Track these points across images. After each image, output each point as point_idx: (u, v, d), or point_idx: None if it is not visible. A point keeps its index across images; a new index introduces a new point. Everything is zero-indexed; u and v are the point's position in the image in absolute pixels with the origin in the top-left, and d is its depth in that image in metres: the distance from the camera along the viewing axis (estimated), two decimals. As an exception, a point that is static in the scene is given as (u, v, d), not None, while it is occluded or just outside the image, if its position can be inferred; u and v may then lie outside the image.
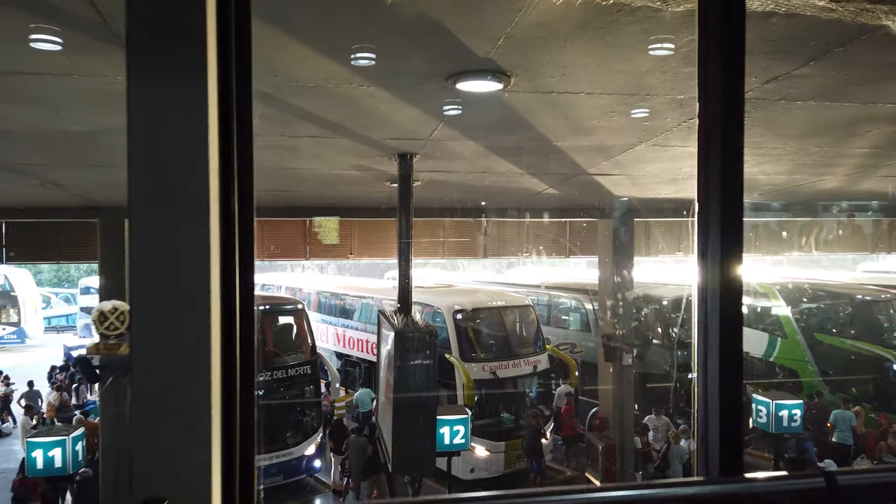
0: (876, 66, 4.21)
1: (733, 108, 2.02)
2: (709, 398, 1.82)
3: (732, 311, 1.79)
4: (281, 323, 15.12)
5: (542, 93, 4.77)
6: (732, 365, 1.80)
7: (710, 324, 1.79)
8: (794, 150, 6.89)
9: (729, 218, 1.84)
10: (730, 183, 1.89)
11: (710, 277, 1.77)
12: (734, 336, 1.81)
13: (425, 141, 6.28)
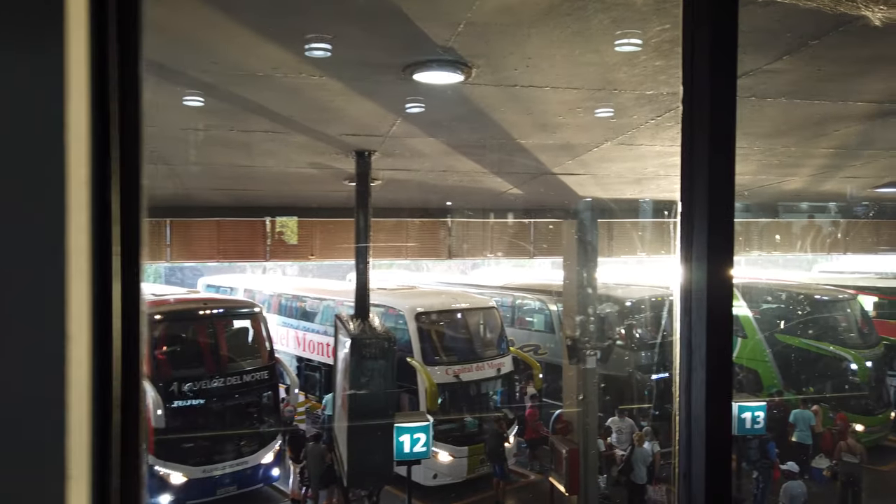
0: (849, 61, 4.06)
1: (724, 96, 1.77)
2: (693, 425, 1.56)
3: (721, 322, 1.54)
4: (236, 327, 14.60)
5: (505, 86, 4.51)
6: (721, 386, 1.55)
7: (696, 338, 1.53)
8: (761, 150, 6.79)
9: (718, 217, 1.60)
10: (719, 180, 1.65)
11: (695, 284, 1.51)
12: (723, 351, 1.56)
13: (383, 138, 5.97)
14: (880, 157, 7.28)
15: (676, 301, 1.61)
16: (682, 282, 1.57)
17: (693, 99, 1.79)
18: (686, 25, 1.85)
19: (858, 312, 17.03)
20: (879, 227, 15.91)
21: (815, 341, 16.28)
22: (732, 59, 1.78)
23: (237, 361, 14.10)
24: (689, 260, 1.55)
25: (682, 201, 1.70)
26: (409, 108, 5.09)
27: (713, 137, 1.68)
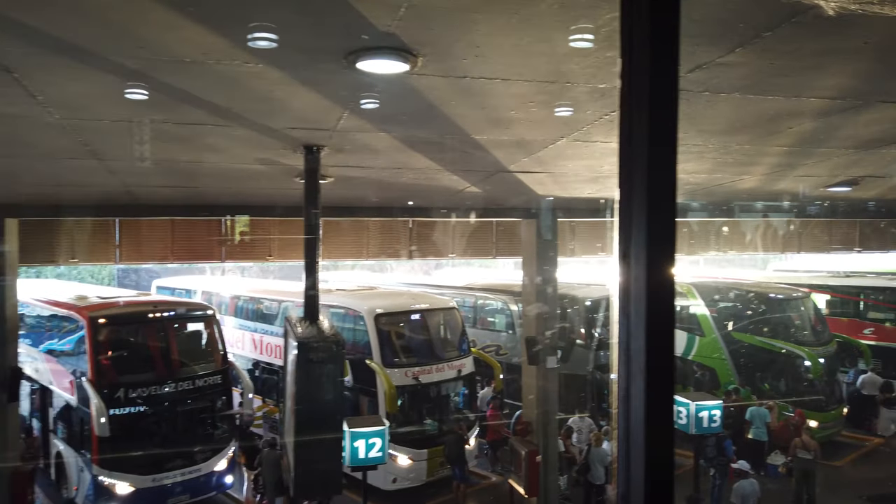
0: (802, 55, 3.98)
1: (664, 88, 1.62)
2: (632, 441, 1.38)
3: (662, 327, 1.37)
4: (188, 330, 14.14)
5: (454, 77, 4.32)
6: (662, 396, 1.38)
7: (635, 343, 1.36)
8: (715, 147, 6.74)
9: (657, 217, 1.43)
10: (659, 178, 1.49)
11: (634, 284, 1.34)
12: (664, 357, 1.39)
13: (331, 132, 5.73)
14: (833, 155, 7.32)
15: (615, 304, 1.44)
16: (621, 283, 1.39)
17: (632, 94, 1.64)
18: (624, 18, 1.71)
19: (812, 310, 17.38)
20: (832, 227, 16.23)
21: (770, 339, 16.54)
22: (673, 54, 1.63)
23: (189, 366, 13.65)
24: (626, 260, 1.38)
25: (620, 199, 1.54)
26: (355, 101, 4.87)
27: (653, 134, 1.53)
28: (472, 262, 34.41)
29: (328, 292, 17.67)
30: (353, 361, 14.64)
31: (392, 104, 4.99)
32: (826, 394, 15.97)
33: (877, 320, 18.96)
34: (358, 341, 14.74)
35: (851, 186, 9.68)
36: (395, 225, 15.13)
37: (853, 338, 18.13)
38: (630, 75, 1.50)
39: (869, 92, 4.78)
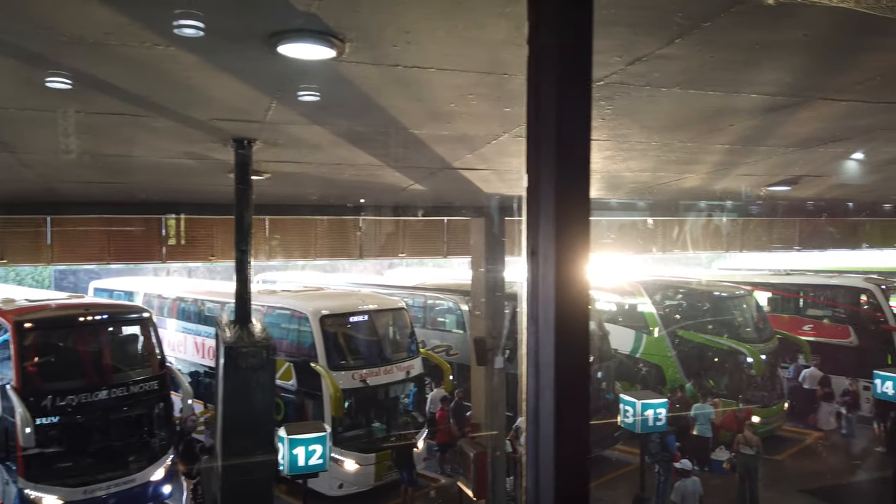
0: (742, 48, 3.89)
1: (577, 73, 1.43)
2: (541, 468, 1.18)
3: (574, 332, 1.16)
4: (122, 334, 13.49)
5: (386, 65, 4.08)
6: (575, 414, 1.18)
7: (544, 355, 1.15)
8: (658, 145, 6.69)
9: (572, 210, 1.24)
10: (573, 166, 1.30)
11: (542, 285, 1.14)
12: (577, 371, 1.19)
13: (261, 124, 5.42)
14: (773, 154, 7.36)
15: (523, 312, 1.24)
16: (528, 285, 1.19)
17: (539, 71, 1.44)
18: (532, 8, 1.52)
19: (754, 308, 17.77)
20: (772, 226, 16.62)
21: (714, 336, 16.83)
22: (585, 31, 1.43)
23: (123, 371, 13.02)
24: (534, 263, 1.18)
25: (527, 197, 1.35)
26: (283, 90, 4.58)
27: (562, 115, 1.34)
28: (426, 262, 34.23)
29: (273, 293, 17.20)
30: (298, 364, 14.27)
31: (323, 94, 4.72)
32: (768, 389, 16.33)
33: (815, 317, 19.53)
34: (303, 343, 14.34)
35: (791, 186, 9.84)
36: (345, 224, 14.81)
37: (793, 334, 18.62)
38: (538, 53, 1.30)
39: (808, 88, 4.75)
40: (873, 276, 19.76)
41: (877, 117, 5.60)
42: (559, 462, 1.12)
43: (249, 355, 5.17)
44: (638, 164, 7.91)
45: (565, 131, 1.24)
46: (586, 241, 1.18)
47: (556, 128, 1.23)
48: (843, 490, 13.16)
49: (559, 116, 1.31)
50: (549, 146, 1.25)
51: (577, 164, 1.27)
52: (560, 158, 1.26)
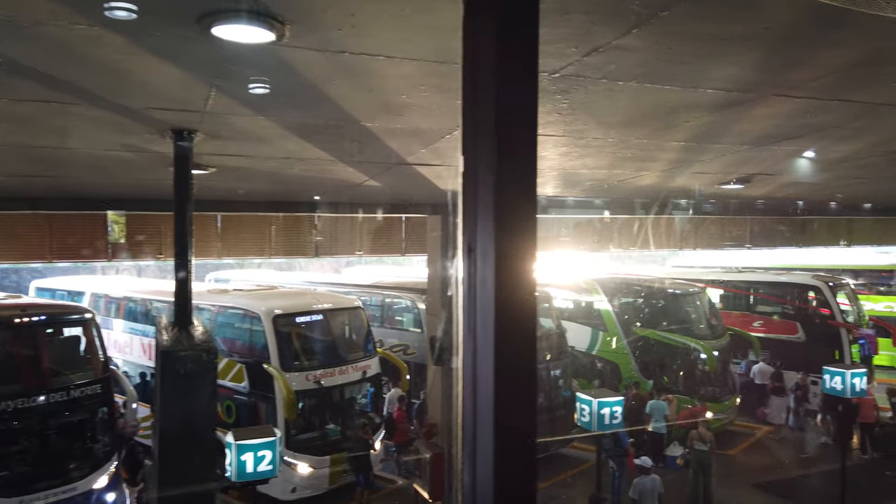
0: (700, 40, 3.79)
1: (521, 55, 1.25)
2: (478, 468, 0.99)
3: (518, 341, 0.98)
4: (63, 336, 12.87)
5: (331, 52, 3.85)
6: (518, 439, 0.99)
7: (482, 364, 0.97)
8: (615, 141, 6.60)
9: (515, 203, 1.06)
10: (516, 156, 1.12)
11: (480, 290, 0.95)
12: (522, 383, 1.01)
13: (201, 114, 5.11)
14: (727, 152, 7.37)
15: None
16: (464, 294, 1.00)
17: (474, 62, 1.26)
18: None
19: (707, 305, 18.03)
20: (725, 224, 16.88)
21: (668, 333, 17.01)
22: (529, 32, 1.25)
23: (64, 375, 12.39)
24: (471, 262, 0.99)
25: (462, 188, 1.16)
26: (222, 77, 4.30)
27: (501, 104, 1.16)
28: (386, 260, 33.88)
29: (224, 292, 16.70)
30: (251, 365, 13.86)
31: (266, 83, 4.45)
32: (720, 385, 16.59)
33: (765, 313, 19.95)
34: (255, 344, 13.93)
35: (744, 184, 9.93)
36: (300, 221, 14.47)
37: (744, 330, 18.98)
38: (474, 30, 1.12)
39: (764, 84, 4.69)
40: (821, 274, 20.30)
41: (829, 115, 5.61)
42: (500, 472, 0.94)
43: (188, 360, 4.86)
44: (595, 161, 7.83)
45: (507, 119, 1.05)
46: (532, 238, 1.00)
47: (496, 115, 1.04)
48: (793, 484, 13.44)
49: (499, 103, 1.12)
50: (487, 134, 1.07)
51: (521, 154, 1.09)
52: (502, 148, 1.07)
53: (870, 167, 8.51)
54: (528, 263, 0.96)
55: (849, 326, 17.97)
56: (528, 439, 0.94)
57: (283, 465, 12.57)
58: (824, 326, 18.12)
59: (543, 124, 5.85)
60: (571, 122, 5.78)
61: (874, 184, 10.73)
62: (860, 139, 6.61)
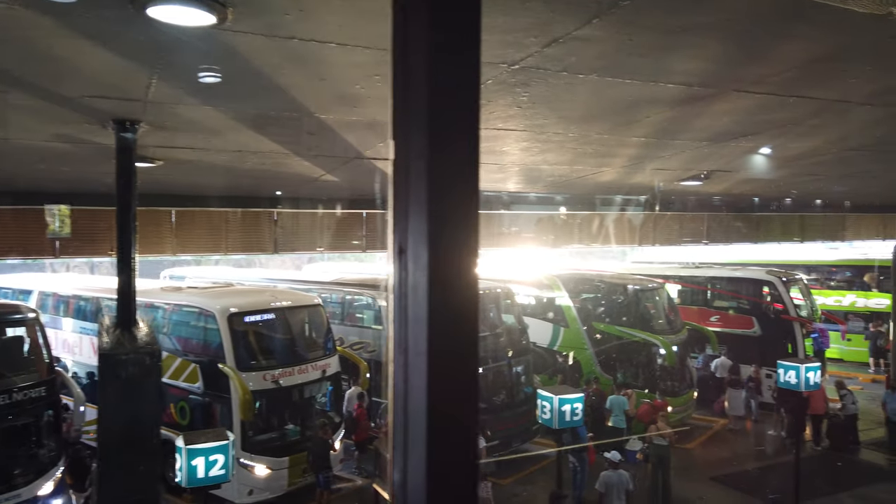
0: (660, 30, 3.70)
1: (458, 36, 1.10)
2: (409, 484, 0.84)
3: (457, 363, 0.83)
4: (5, 336, 12.28)
5: (279, 38, 3.64)
6: (459, 468, 0.85)
7: (414, 390, 0.82)
8: (575, 136, 6.52)
9: (453, 199, 0.91)
10: (453, 148, 0.97)
11: (412, 298, 0.79)
12: (461, 413, 0.86)
13: (143, 103, 4.84)
14: (686, 148, 7.36)
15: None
16: (394, 303, 0.85)
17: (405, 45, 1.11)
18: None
19: (665, 300, 18.23)
20: (683, 220, 17.08)
21: (628, 328, 17.15)
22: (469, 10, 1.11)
23: (5, 377, 11.83)
24: (401, 266, 0.84)
25: (392, 181, 1.01)
26: (162, 63, 4.05)
27: (434, 85, 1.01)
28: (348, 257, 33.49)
29: (178, 290, 16.21)
30: (205, 365, 13.45)
31: (211, 70, 4.21)
32: (678, 379, 16.79)
33: (722, 308, 20.30)
34: (210, 343, 13.51)
35: (702, 180, 10.00)
36: (258, 216, 14.09)
37: (701, 325, 19.27)
38: (404, 7, 0.96)
39: (724, 79, 4.65)
40: (775, 269, 20.74)
41: (788, 112, 5.62)
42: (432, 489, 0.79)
43: (129, 363, 4.60)
44: (555, 157, 7.76)
45: (443, 98, 0.90)
46: (473, 238, 0.85)
47: (429, 92, 0.89)
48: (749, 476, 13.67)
49: (433, 77, 0.97)
50: (419, 115, 0.91)
51: (460, 140, 0.94)
52: (436, 131, 0.91)
53: (825, 164, 8.63)
54: (468, 267, 0.81)
55: (802, 321, 18.39)
56: (469, 481, 0.79)
57: (239, 468, 12.24)
58: (778, 321, 18.51)
59: (504, 118, 5.74)
60: (532, 117, 5.67)
61: (828, 181, 10.94)
62: (817, 136, 6.66)
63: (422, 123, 0.90)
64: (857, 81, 4.82)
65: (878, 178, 10.63)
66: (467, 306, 0.81)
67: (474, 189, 0.91)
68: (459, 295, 0.80)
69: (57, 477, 12.00)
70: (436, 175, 0.86)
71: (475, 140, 0.94)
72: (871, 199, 15.64)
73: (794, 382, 10.78)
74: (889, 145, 7.43)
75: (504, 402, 15.23)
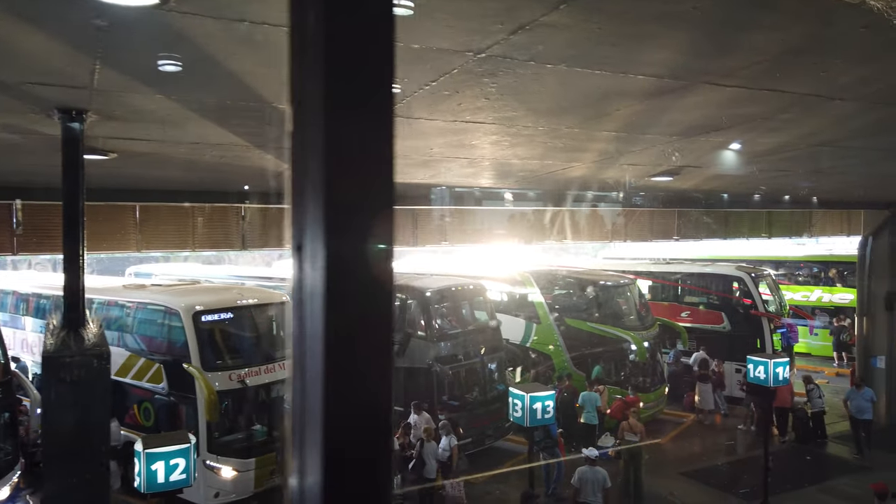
0: (628, 19, 3.57)
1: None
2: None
3: (365, 377, 0.67)
4: (-43, 337, 11.82)
5: (229, 20, 3.42)
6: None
7: (310, 426, 0.65)
8: (545, 130, 6.39)
9: (366, 188, 0.74)
10: (369, 123, 0.80)
11: (309, 306, 0.63)
12: (368, 437, 0.70)
13: (89, 90, 4.57)
14: (657, 142, 7.28)
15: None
16: (293, 312, 0.68)
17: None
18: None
19: (637, 296, 18.29)
20: (654, 216, 17.12)
21: (599, 324, 17.15)
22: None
23: (-43, 380, 11.39)
24: (299, 267, 0.67)
25: (291, 166, 0.85)
26: (105, 47, 3.80)
27: (330, 57, 0.84)
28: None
29: (141, 287, 15.79)
30: (170, 365, 13.10)
31: (158, 56, 3.97)
32: (650, 374, 16.85)
33: (692, 304, 20.47)
34: (175, 342, 13.16)
35: (672, 176, 9.96)
36: (226, 212, 13.73)
37: (672, 321, 19.39)
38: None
39: (695, 71, 4.54)
40: (744, 265, 20.96)
41: (758, 106, 5.54)
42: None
43: (75, 366, 4.34)
44: (525, 151, 7.62)
45: (343, 57, 0.72)
46: (385, 238, 0.69)
47: (326, 54, 0.72)
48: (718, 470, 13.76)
49: (329, 55, 0.80)
50: (315, 95, 0.74)
51: (370, 115, 0.77)
52: (339, 103, 0.74)
53: (794, 160, 8.64)
54: (382, 274, 0.65)
55: (770, 316, 18.60)
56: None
57: (205, 469, 11.95)
58: (747, 316, 18.70)
59: (472, 110, 5.58)
60: (500, 109, 5.51)
61: (796, 177, 11.00)
62: (787, 131, 6.62)
63: (318, 80, 0.72)
64: (827, 75, 4.75)
65: (844, 174, 10.71)
66: (379, 324, 0.65)
67: (388, 173, 0.74)
68: (368, 306, 0.63)
69: (13, 482, 11.58)
70: (336, 158, 0.69)
71: (388, 110, 0.77)
72: (837, 196, 15.85)
73: (762, 378, 10.83)
74: (856, 141, 7.44)
75: (476, 400, 15.12)
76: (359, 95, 0.75)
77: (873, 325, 17.14)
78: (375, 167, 0.73)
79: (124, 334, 14.25)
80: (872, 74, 4.77)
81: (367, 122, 0.76)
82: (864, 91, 5.19)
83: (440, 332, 15.22)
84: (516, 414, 9.75)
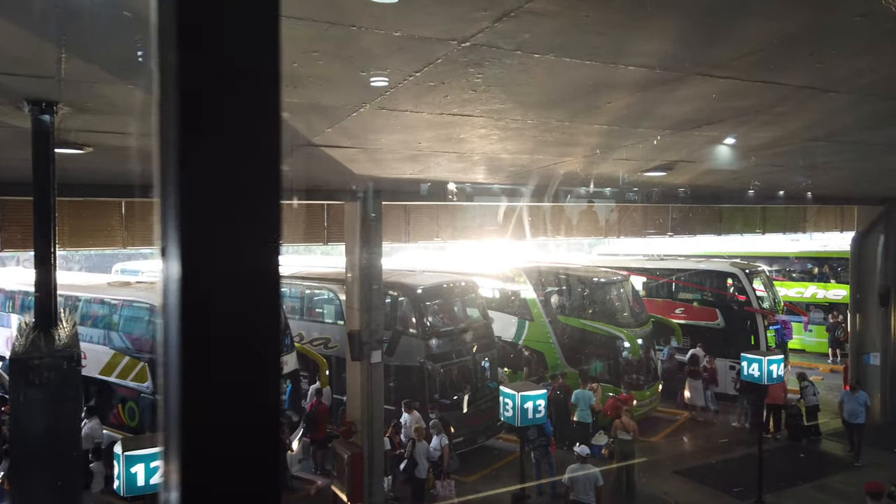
0: (618, 6, 3.41)
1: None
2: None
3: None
4: (-64, 335, 11.59)
5: (197, 6, 3.24)
6: None
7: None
8: (535, 123, 6.23)
9: (240, 184, 0.59)
10: (253, 103, 0.64)
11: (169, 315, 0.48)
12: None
13: (58, 80, 4.38)
14: (649, 136, 7.13)
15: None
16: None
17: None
18: None
19: (630, 293, 18.18)
20: (647, 212, 17.01)
21: (592, 321, 17.03)
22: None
23: (-63, 379, 11.17)
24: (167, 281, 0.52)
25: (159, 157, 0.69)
26: (70, 33, 3.62)
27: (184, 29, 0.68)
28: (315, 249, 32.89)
29: (126, 285, 15.59)
30: (155, 364, 12.91)
31: (128, 45, 3.79)
32: (644, 372, 16.75)
33: (686, 300, 20.37)
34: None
35: (666, 171, 9.82)
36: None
37: (666, 317, 19.30)
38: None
39: (686, 61, 4.39)
40: (738, 261, 20.88)
41: (751, 98, 5.40)
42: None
43: (44, 368, 4.17)
44: (515, 146, 7.46)
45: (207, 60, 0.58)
46: (271, 230, 0.54)
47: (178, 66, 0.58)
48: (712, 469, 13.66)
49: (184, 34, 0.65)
50: (169, 75, 0.59)
51: (256, 96, 0.62)
52: (186, 103, 0.59)
53: (788, 155, 8.51)
54: (264, 286, 0.50)
55: (764, 312, 18.52)
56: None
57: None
58: (742, 312, 18.61)
59: (459, 102, 5.41)
60: (488, 101, 5.35)
61: (790, 172, 10.88)
62: (781, 125, 6.49)
63: (172, 64, 0.58)
64: (822, 66, 4.62)
65: (839, 170, 10.60)
66: (264, 343, 0.50)
67: (274, 167, 0.60)
68: (236, 300, 0.49)
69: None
70: (195, 147, 0.55)
71: (274, 96, 0.63)
72: (831, 191, 15.75)
73: (756, 375, 10.72)
74: (851, 135, 7.31)
75: (468, 398, 14.99)
76: (231, 70, 0.60)
77: (866, 321, 17.05)
78: (250, 153, 0.58)
79: (109, 332, 14.06)
80: (868, 66, 4.63)
81: (257, 101, 0.60)
82: (859, 83, 5.05)
83: (431, 329, 15.06)
84: (507, 413, 9.62)
